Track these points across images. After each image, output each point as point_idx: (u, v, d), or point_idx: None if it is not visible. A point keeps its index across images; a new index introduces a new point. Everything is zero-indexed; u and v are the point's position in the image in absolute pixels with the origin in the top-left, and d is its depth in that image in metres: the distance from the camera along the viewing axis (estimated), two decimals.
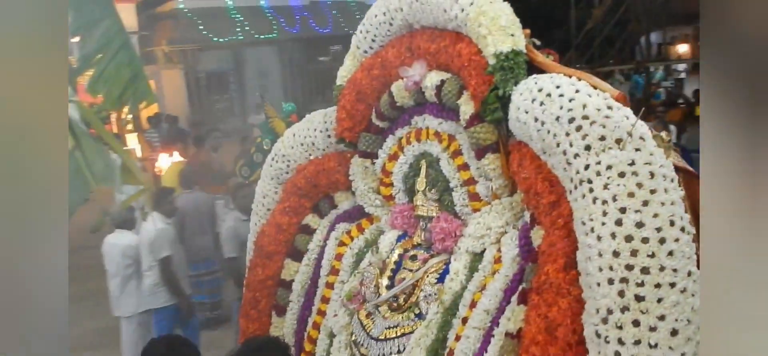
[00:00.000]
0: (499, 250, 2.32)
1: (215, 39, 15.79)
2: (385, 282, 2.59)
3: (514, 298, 2.08)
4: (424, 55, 2.54)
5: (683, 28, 12.27)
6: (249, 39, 16.54)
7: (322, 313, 2.89)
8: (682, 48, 12.59)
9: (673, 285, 1.58)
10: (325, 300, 2.90)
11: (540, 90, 2.03)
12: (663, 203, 1.66)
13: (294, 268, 3.09)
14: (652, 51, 13.08)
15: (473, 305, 2.23)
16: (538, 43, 2.31)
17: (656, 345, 1.55)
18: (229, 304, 5.49)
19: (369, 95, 2.78)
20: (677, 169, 1.80)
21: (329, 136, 3.02)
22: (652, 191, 1.67)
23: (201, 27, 15.38)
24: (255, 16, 16.56)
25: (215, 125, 12.07)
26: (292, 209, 3.14)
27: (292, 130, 3.21)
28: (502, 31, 2.19)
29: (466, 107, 2.33)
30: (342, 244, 2.97)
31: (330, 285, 2.91)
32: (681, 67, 13.02)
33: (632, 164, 1.72)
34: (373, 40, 2.79)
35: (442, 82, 2.45)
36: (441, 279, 2.45)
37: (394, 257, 2.64)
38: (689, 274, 1.61)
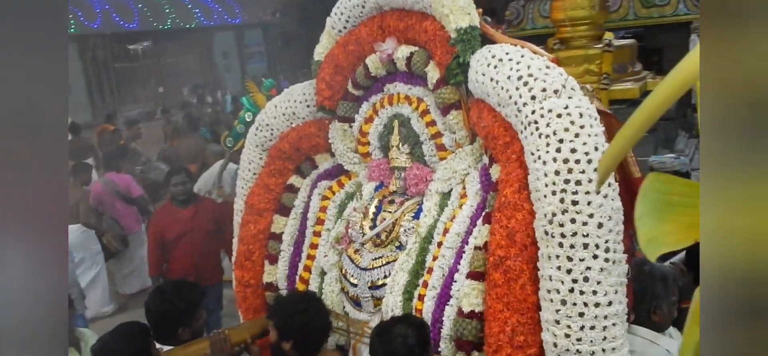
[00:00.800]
0: (463, 188, 2.85)
1: None
2: (368, 223, 3.09)
3: (479, 221, 2.62)
4: (394, 32, 3.03)
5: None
6: None
7: (311, 257, 3.35)
8: None
9: (598, 192, 2.16)
10: (314, 246, 3.36)
11: (493, 57, 2.57)
12: (589, 135, 2.22)
13: (282, 222, 3.53)
14: None
15: (446, 232, 2.77)
16: (489, 20, 2.84)
17: (587, 235, 2.12)
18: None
19: (345, 67, 3.25)
20: (599, 112, 2.38)
21: (308, 106, 3.47)
22: (582, 127, 2.24)
23: None
24: None
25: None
26: (278, 171, 3.58)
27: (274, 102, 3.64)
28: (461, 10, 2.70)
29: (433, 73, 2.84)
30: (325, 198, 3.44)
31: (317, 233, 3.38)
32: None
33: (567, 107, 2.28)
34: (347, 21, 3.25)
35: (412, 54, 2.94)
36: (416, 217, 2.96)
37: (374, 203, 3.14)
38: (609, 185, 2.19)
